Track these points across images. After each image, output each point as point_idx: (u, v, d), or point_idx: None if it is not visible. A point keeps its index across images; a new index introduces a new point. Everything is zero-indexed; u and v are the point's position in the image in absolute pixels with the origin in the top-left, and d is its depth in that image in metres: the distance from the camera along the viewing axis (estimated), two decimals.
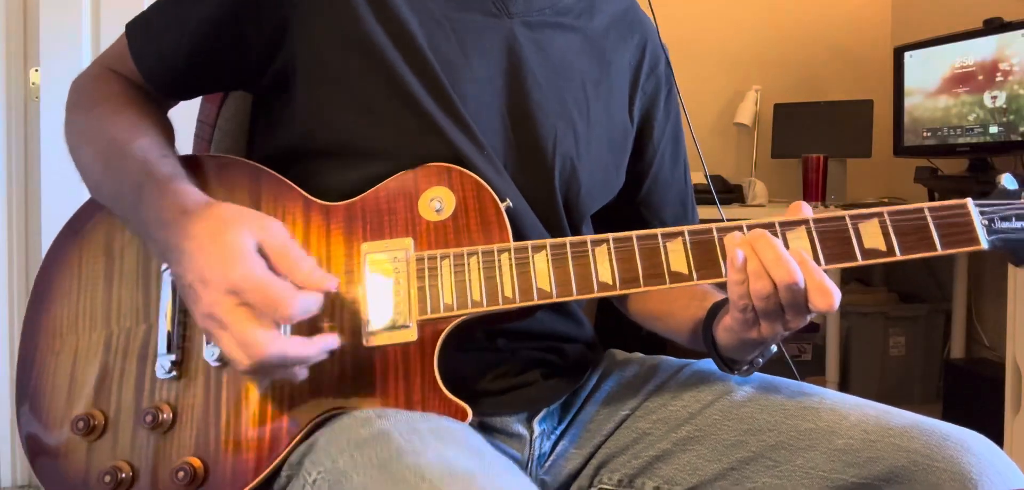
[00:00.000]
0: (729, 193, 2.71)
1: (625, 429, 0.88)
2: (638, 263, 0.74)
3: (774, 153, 3.10)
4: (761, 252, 0.71)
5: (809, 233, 0.74)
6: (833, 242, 0.73)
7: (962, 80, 2.51)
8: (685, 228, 0.75)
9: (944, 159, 2.68)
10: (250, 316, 0.65)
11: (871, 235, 0.73)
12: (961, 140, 2.52)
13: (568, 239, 0.75)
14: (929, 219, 0.73)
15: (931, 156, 2.69)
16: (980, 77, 2.45)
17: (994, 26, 2.41)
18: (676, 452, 0.84)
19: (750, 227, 0.74)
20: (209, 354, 0.75)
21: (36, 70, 2.18)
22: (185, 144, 1.01)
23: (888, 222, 0.73)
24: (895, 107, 2.76)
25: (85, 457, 0.75)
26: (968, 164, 2.54)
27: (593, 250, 0.75)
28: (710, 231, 0.75)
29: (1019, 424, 1.92)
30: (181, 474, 0.71)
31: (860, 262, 0.73)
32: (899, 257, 0.73)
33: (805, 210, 0.76)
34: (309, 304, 0.67)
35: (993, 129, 2.42)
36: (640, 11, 1.00)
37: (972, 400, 2.71)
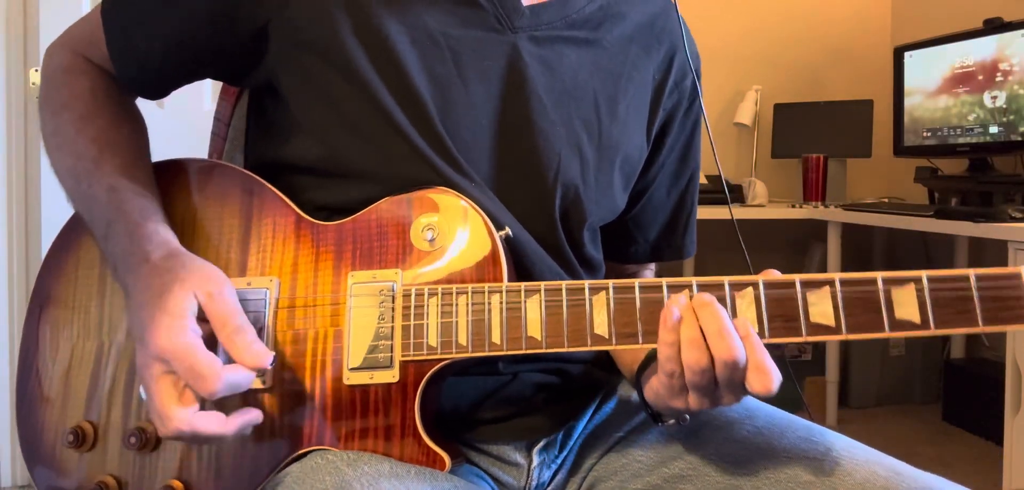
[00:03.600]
0: (729, 193, 2.72)
1: (616, 453, 0.83)
2: (638, 316, 0.68)
3: (774, 153, 3.10)
4: (703, 320, 0.65)
5: (833, 297, 0.66)
6: (859, 309, 0.66)
7: (962, 80, 2.51)
8: (694, 279, 0.68)
9: (944, 159, 2.68)
10: (171, 387, 0.65)
11: (905, 303, 0.67)
12: (961, 140, 2.52)
13: (564, 283, 0.70)
14: (974, 288, 0.66)
15: (931, 156, 2.69)
16: (980, 77, 2.45)
17: (994, 26, 2.41)
18: (664, 488, 0.79)
19: (730, 283, 0.68)
20: None
21: (36, 70, 2.18)
22: (200, 141, 1.00)
23: (926, 288, 0.67)
24: (895, 107, 2.76)
25: (76, 468, 0.76)
26: (968, 164, 2.55)
27: (591, 298, 0.69)
28: (722, 286, 0.67)
29: (1019, 424, 1.92)
30: None
31: (888, 333, 0.66)
32: (933, 331, 0.66)
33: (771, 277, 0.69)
34: (236, 380, 0.65)
35: (993, 129, 2.42)
36: (672, 18, 0.91)
37: (972, 400, 2.71)
